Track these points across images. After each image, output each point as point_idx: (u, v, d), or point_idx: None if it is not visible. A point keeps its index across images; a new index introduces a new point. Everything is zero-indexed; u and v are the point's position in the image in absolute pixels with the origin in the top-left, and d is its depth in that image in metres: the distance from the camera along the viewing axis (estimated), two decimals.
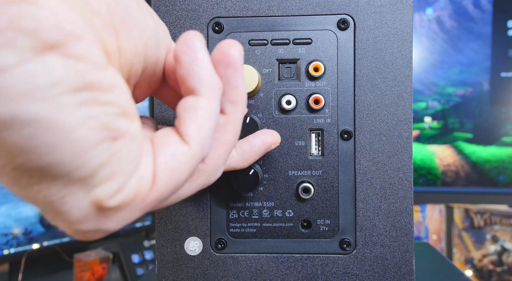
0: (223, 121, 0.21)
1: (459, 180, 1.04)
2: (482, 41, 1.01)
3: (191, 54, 0.19)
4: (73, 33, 0.14)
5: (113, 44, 0.17)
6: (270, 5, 0.32)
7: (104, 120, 0.15)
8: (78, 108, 0.14)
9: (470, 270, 1.07)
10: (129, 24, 0.18)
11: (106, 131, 0.15)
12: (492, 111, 1.01)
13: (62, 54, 0.14)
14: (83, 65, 0.14)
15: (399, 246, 0.32)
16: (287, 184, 0.32)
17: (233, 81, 0.21)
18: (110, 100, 0.15)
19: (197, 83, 0.19)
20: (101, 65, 0.15)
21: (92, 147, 0.15)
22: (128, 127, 0.16)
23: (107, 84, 0.15)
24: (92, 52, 0.14)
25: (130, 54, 0.18)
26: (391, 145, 0.32)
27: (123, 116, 0.16)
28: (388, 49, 0.32)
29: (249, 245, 0.33)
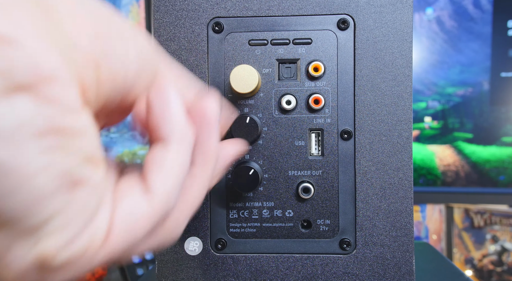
0: (192, 173, 0.20)
1: (459, 180, 1.04)
2: (482, 41, 1.01)
3: (164, 101, 0.18)
4: (48, 74, 0.13)
5: (92, 77, 0.16)
6: (270, 5, 0.32)
7: (67, 167, 0.14)
8: (41, 154, 0.13)
9: (470, 270, 1.07)
10: (110, 56, 0.17)
11: (67, 179, 0.14)
12: (492, 111, 1.01)
13: (34, 96, 0.13)
14: (54, 108, 0.13)
15: (399, 246, 0.32)
16: (287, 184, 0.32)
17: (205, 140, 0.20)
18: (77, 148, 0.14)
19: (168, 131, 0.18)
20: (73, 109, 0.14)
21: (49, 195, 0.14)
22: (91, 175, 0.15)
23: (76, 129, 0.14)
24: (66, 95, 0.14)
25: (109, 85, 0.17)
26: (391, 144, 0.32)
27: (88, 163, 0.15)
28: (388, 49, 0.32)
29: (249, 245, 0.33)
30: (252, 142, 0.32)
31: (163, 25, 0.32)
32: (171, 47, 0.32)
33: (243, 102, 0.32)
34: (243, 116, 0.31)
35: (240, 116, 0.31)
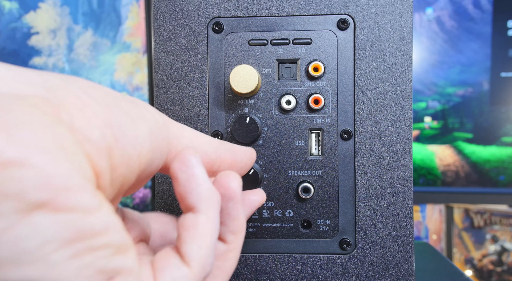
0: (224, 249, 0.21)
1: (459, 180, 1.04)
2: (482, 41, 1.01)
3: (188, 171, 0.19)
4: (61, 186, 0.14)
5: (105, 165, 0.17)
6: (270, 5, 0.32)
7: (99, 265, 0.15)
8: (71, 261, 0.14)
9: (470, 270, 1.07)
10: (122, 142, 0.17)
11: (102, 275, 0.15)
12: (492, 111, 1.01)
13: (51, 210, 0.13)
14: (73, 216, 0.14)
15: (399, 246, 0.32)
16: (287, 184, 0.32)
17: (233, 213, 0.21)
18: (104, 243, 0.15)
19: (195, 200, 0.19)
20: (91, 210, 0.15)
21: None
22: (124, 263, 0.16)
23: (100, 227, 0.15)
24: (81, 199, 0.14)
25: (123, 169, 0.18)
26: (391, 145, 0.32)
27: (117, 254, 0.16)
28: (388, 49, 0.32)
29: (249, 245, 0.33)
30: (252, 142, 0.32)
31: (163, 25, 0.32)
32: (171, 47, 0.32)
33: (243, 102, 0.32)
34: (243, 116, 0.31)
35: (240, 116, 0.31)
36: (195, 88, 0.32)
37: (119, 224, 0.16)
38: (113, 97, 0.19)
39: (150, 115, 0.20)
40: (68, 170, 0.14)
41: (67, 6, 1.12)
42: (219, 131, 0.32)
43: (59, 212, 0.13)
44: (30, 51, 1.12)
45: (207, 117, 0.32)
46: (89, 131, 0.16)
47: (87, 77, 1.11)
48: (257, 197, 0.28)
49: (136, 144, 0.18)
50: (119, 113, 0.18)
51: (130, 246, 0.17)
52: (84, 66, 1.12)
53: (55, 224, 0.13)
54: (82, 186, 0.14)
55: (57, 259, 0.13)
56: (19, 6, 1.12)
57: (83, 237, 0.14)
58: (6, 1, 1.12)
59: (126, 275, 0.16)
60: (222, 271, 0.21)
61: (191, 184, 0.19)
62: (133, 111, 0.19)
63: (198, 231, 0.19)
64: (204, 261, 0.19)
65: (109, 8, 1.11)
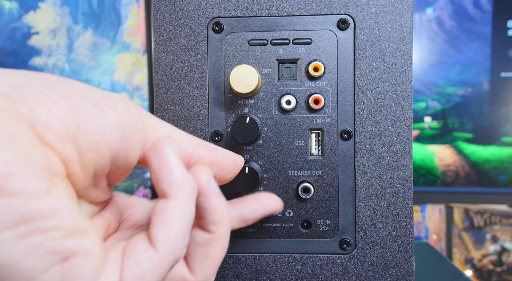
0: (209, 238, 0.22)
1: (459, 180, 1.04)
2: (482, 41, 1.01)
3: (161, 159, 0.20)
4: (4, 173, 0.14)
5: (71, 152, 0.18)
6: (270, 5, 0.32)
7: (49, 246, 0.15)
8: (18, 242, 0.14)
9: (470, 270, 1.07)
10: (87, 128, 0.18)
11: (55, 255, 0.15)
12: (492, 111, 1.02)
13: None
14: (18, 200, 0.15)
15: (399, 246, 0.32)
16: (287, 184, 0.32)
17: (207, 206, 0.21)
18: (53, 226, 0.16)
19: (166, 186, 0.20)
20: (38, 194, 0.15)
21: (42, 272, 0.15)
22: (79, 244, 0.17)
23: (47, 211, 0.15)
24: (27, 184, 0.15)
25: (92, 155, 0.19)
26: (391, 144, 0.32)
27: (71, 236, 0.16)
28: (388, 49, 0.32)
29: (249, 245, 0.33)
30: (252, 142, 0.32)
31: (163, 25, 0.32)
32: (171, 47, 0.32)
33: (243, 102, 0.32)
34: (243, 116, 0.31)
35: (240, 116, 0.31)
36: (195, 88, 0.32)
37: (71, 208, 0.17)
38: (80, 89, 0.20)
39: (122, 106, 0.21)
40: (12, 157, 0.15)
41: (67, 6, 1.12)
42: (219, 131, 0.32)
43: (3, 196, 0.14)
44: (30, 51, 1.12)
45: (207, 117, 0.32)
46: (50, 122, 0.17)
47: (87, 77, 1.10)
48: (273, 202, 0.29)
49: (104, 131, 0.19)
50: (84, 103, 0.19)
51: (87, 230, 0.17)
52: (84, 66, 1.12)
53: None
54: (27, 172, 0.15)
55: (3, 238, 0.14)
56: (19, 6, 1.12)
57: (29, 219, 0.15)
58: (6, 1, 1.12)
59: (83, 256, 0.17)
60: (209, 258, 0.22)
61: (163, 171, 0.20)
62: (103, 102, 0.20)
63: (166, 216, 0.19)
64: (172, 245, 0.19)
65: (109, 8, 1.11)
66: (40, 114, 0.17)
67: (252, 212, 0.28)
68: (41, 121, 0.17)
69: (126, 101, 0.22)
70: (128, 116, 0.21)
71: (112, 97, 0.21)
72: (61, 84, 0.19)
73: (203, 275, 0.22)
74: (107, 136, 0.19)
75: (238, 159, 0.28)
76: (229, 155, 0.27)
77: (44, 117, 0.17)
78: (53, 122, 0.17)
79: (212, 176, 0.22)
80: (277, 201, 0.29)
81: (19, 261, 0.15)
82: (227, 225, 0.22)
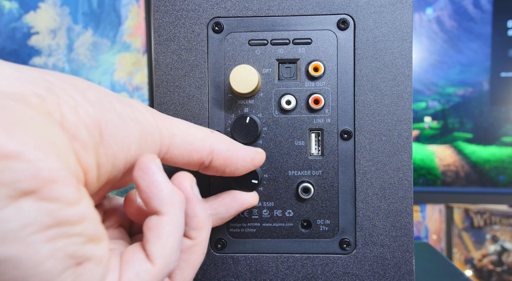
0: (190, 244, 0.22)
1: (459, 180, 1.04)
2: (482, 41, 1.01)
3: (147, 178, 0.20)
4: (48, 178, 0.15)
5: (91, 162, 0.18)
6: (270, 5, 0.32)
7: (70, 250, 0.16)
8: (46, 244, 0.15)
9: (470, 270, 1.07)
10: (108, 141, 0.19)
11: (72, 259, 0.16)
12: (492, 111, 1.02)
13: (36, 199, 0.15)
14: (55, 205, 0.15)
15: (399, 246, 0.32)
16: (287, 184, 0.32)
17: (190, 212, 0.22)
18: (78, 232, 0.16)
19: (158, 204, 0.20)
20: (72, 201, 0.16)
21: (57, 275, 0.16)
22: (94, 251, 0.17)
23: (76, 218, 0.16)
24: (64, 192, 0.16)
25: (108, 166, 0.19)
26: (391, 144, 0.32)
27: (89, 243, 0.17)
28: (388, 49, 0.32)
29: (249, 245, 0.33)
30: (252, 142, 0.32)
31: (163, 25, 0.32)
32: (171, 47, 0.32)
33: (243, 102, 0.32)
34: (243, 116, 0.31)
35: (240, 116, 0.31)
36: (195, 88, 0.32)
37: (95, 217, 0.18)
38: (108, 98, 0.20)
39: (143, 118, 0.22)
40: (56, 165, 0.16)
41: (67, 6, 1.12)
42: (219, 131, 0.32)
43: (43, 201, 0.15)
44: (30, 51, 1.12)
45: (207, 117, 0.32)
46: (77, 129, 0.18)
47: (87, 77, 1.11)
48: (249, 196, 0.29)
49: (123, 144, 0.20)
50: (111, 114, 0.19)
51: (103, 238, 0.18)
52: (84, 66, 1.12)
53: (37, 210, 0.15)
54: (67, 180, 0.16)
55: (34, 240, 0.15)
56: (19, 6, 1.12)
57: (60, 224, 0.16)
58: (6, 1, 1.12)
59: (95, 263, 0.17)
60: (189, 264, 0.23)
61: (152, 190, 0.20)
62: (126, 113, 0.20)
63: (161, 231, 0.20)
64: (167, 259, 0.20)
65: (109, 8, 1.11)
66: (69, 120, 0.17)
67: (228, 209, 0.28)
68: (69, 128, 0.17)
69: (145, 111, 0.22)
70: (146, 129, 0.21)
71: (134, 106, 0.22)
72: (91, 91, 0.19)
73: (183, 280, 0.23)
74: (125, 150, 0.20)
75: (256, 160, 0.28)
76: (246, 156, 0.27)
77: (72, 124, 0.18)
78: (79, 130, 0.18)
79: (194, 182, 0.23)
80: (253, 195, 0.30)
81: (42, 262, 0.15)
82: (208, 231, 0.23)
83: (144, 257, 0.20)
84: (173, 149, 0.24)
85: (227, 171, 0.26)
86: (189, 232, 0.22)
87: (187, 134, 0.24)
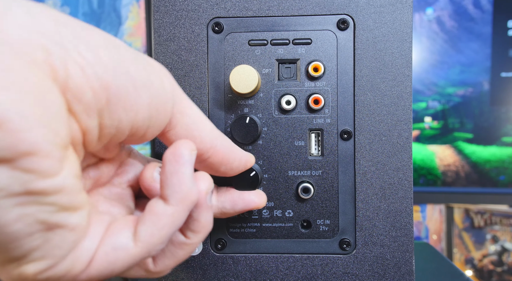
0: (183, 241, 0.22)
1: (459, 180, 1.04)
2: (482, 41, 1.01)
3: (175, 165, 0.20)
4: (27, 151, 0.15)
5: (93, 124, 0.18)
6: (270, 5, 0.32)
7: (40, 217, 0.16)
8: (14, 209, 0.15)
9: (470, 270, 1.07)
10: (115, 105, 0.18)
11: (42, 225, 0.16)
12: (492, 111, 1.01)
13: (11, 167, 0.15)
14: (29, 176, 0.15)
15: (399, 246, 0.32)
16: (287, 184, 0.32)
17: (195, 216, 0.22)
18: (50, 202, 0.16)
19: (171, 194, 0.20)
20: (49, 174, 0.16)
21: (25, 237, 0.16)
22: (68, 219, 0.17)
23: (51, 189, 0.16)
24: (42, 164, 0.15)
25: (112, 129, 0.19)
26: (391, 145, 0.32)
27: (64, 211, 0.17)
28: (387, 49, 0.32)
29: (249, 245, 0.33)
30: (252, 142, 0.32)
31: (163, 25, 0.32)
32: (171, 47, 0.32)
33: (243, 102, 0.32)
34: (243, 116, 0.31)
35: (240, 117, 0.31)
36: (195, 88, 0.32)
37: (73, 188, 0.17)
38: (122, 60, 0.19)
39: (159, 85, 0.20)
40: (40, 137, 0.15)
41: (67, 6, 1.12)
42: None
43: (17, 170, 0.15)
44: None
45: (207, 117, 0.32)
46: (82, 91, 0.17)
47: None
48: (256, 198, 0.29)
49: (130, 110, 0.19)
50: (122, 78, 0.18)
51: (81, 207, 0.18)
52: None
53: (9, 178, 0.15)
54: (47, 153, 0.15)
55: (2, 204, 0.15)
56: None
57: (31, 193, 0.15)
58: None
59: (68, 230, 0.17)
60: (174, 256, 0.22)
61: (173, 178, 0.20)
62: (140, 78, 0.19)
63: (158, 219, 0.20)
64: (151, 247, 0.20)
65: (109, 8, 1.11)
66: (74, 81, 0.17)
67: (233, 206, 0.28)
68: (74, 89, 0.17)
69: (164, 77, 0.21)
70: (159, 97, 0.20)
71: (153, 71, 0.20)
72: (105, 50, 0.18)
73: (163, 268, 0.22)
74: (131, 116, 0.19)
75: (249, 162, 0.28)
76: (242, 157, 0.27)
77: (77, 85, 0.17)
78: (84, 92, 0.17)
79: (212, 187, 0.22)
80: (261, 197, 0.29)
81: (8, 225, 0.15)
82: (203, 237, 0.23)
83: (130, 234, 0.19)
84: (180, 128, 0.23)
85: (222, 169, 0.26)
86: (186, 231, 0.22)
87: (199, 121, 0.24)
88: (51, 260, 0.17)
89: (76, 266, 0.18)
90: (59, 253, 0.17)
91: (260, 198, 0.29)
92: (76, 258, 0.18)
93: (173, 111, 0.22)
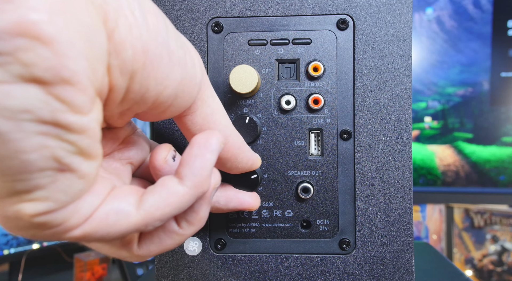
0: (174, 230, 0.22)
1: (459, 180, 1.04)
2: (482, 41, 1.01)
3: (203, 150, 0.20)
4: (67, 78, 0.15)
5: (122, 83, 0.18)
6: (270, 5, 0.32)
7: (57, 153, 0.16)
8: (36, 136, 0.15)
9: (470, 270, 1.07)
10: (148, 72, 0.18)
11: (56, 162, 0.16)
12: (492, 111, 1.01)
13: (45, 91, 0.14)
14: (61, 106, 0.15)
15: (399, 246, 0.32)
16: (287, 184, 0.32)
17: (195, 206, 0.21)
18: (72, 140, 0.16)
19: (187, 175, 0.19)
20: (80, 110, 0.16)
21: (36, 171, 0.15)
22: (81, 165, 0.17)
23: (76, 127, 0.16)
24: (77, 98, 0.15)
25: (137, 96, 0.19)
26: (390, 145, 0.32)
27: (79, 155, 0.16)
28: (387, 49, 0.32)
29: (249, 245, 0.33)
30: (251, 142, 0.32)
31: None
32: None
33: (243, 102, 0.32)
34: (243, 116, 0.31)
35: (239, 116, 0.31)
36: None
37: (96, 135, 0.17)
38: (165, 32, 0.19)
39: (191, 67, 0.21)
40: (82, 71, 0.15)
41: None
42: None
43: (51, 96, 0.15)
44: None
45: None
46: (124, 47, 0.17)
47: None
48: (250, 199, 0.29)
49: (161, 82, 0.19)
50: (162, 48, 0.19)
51: (96, 157, 0.17)
52: None
53: (42, 102, 0.14)
54: (85, 89, 0.15)
55: (27, 127, 0.15)
56: None
57: (58, 125, 0.15)
58: None
59: (78, 176, 0.17)
60: (161, 244, 0.22)
61: (197, 161, 0.20)
62: (178, 54, 0.20)
63: (168, 195, 0.19)
64: (151, 220, 0.19)
65: None
66: (119, 35, 0.17)
67: (227, 202, 0.28)
68: (116, 42, 0.17)
69: (196, 61, 0.21)
70: (189, 79, 0.21)
71: (187, 52, 0.21)
72: (153, 16, 0.18)
73: (146, 252, 0.22)
74: (159, 89, 0.19)
75: (255, 165, 0.28)
76: (250, 159, 0.27)
77: (122, 39, 0.17)
78: (125, 49, 0.17)
79: (219, 184, 0.22)
80: (255, 200, 0.30)
81: (26, 151, 0.15)
82: (195, 230, 0.22)
83: (134, 202, 0.19)
84: (197, 116, 0.23)
85: (228, 165, 0.26)
86: (181, 221, 0.22)
87: (217, 112, 0.24)
88: (52, 203, 0.16)
89: (74, 218, 0.17)
90: (63, 198, 0.17)
91: (254, 200, 0.30)
92: (76, 210, 0.17)
93: (197, 96, 0.22)
